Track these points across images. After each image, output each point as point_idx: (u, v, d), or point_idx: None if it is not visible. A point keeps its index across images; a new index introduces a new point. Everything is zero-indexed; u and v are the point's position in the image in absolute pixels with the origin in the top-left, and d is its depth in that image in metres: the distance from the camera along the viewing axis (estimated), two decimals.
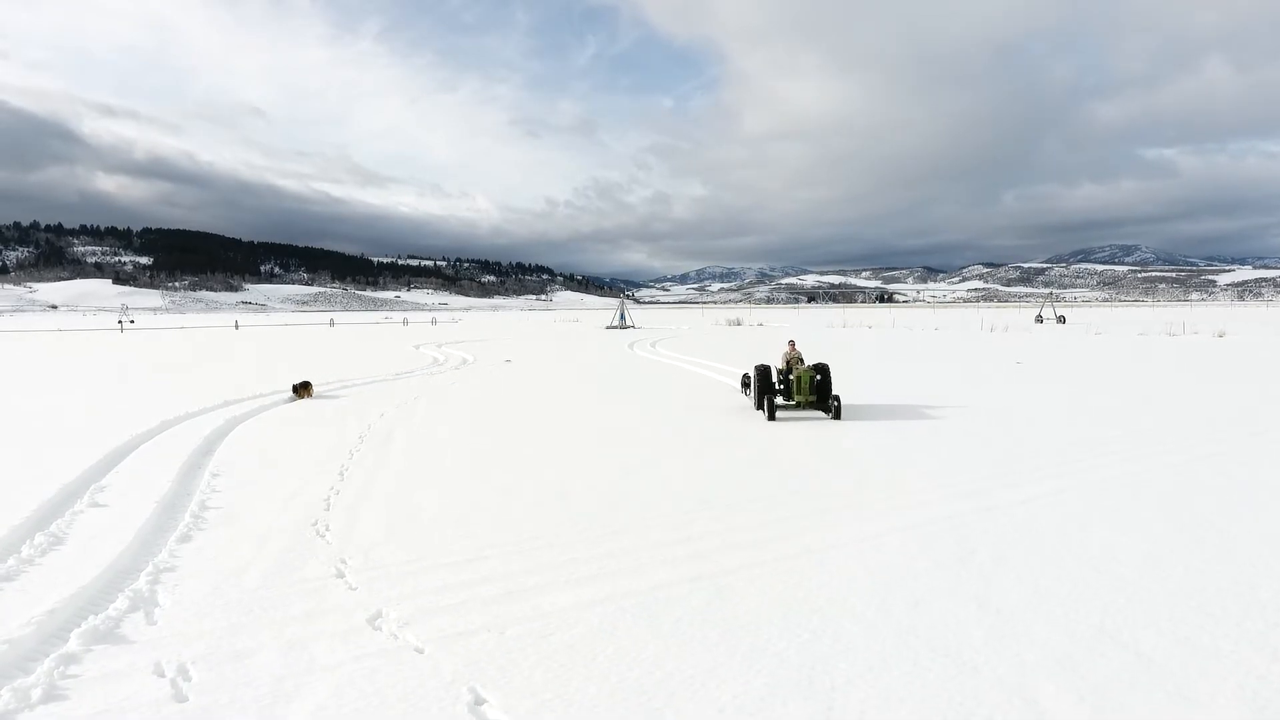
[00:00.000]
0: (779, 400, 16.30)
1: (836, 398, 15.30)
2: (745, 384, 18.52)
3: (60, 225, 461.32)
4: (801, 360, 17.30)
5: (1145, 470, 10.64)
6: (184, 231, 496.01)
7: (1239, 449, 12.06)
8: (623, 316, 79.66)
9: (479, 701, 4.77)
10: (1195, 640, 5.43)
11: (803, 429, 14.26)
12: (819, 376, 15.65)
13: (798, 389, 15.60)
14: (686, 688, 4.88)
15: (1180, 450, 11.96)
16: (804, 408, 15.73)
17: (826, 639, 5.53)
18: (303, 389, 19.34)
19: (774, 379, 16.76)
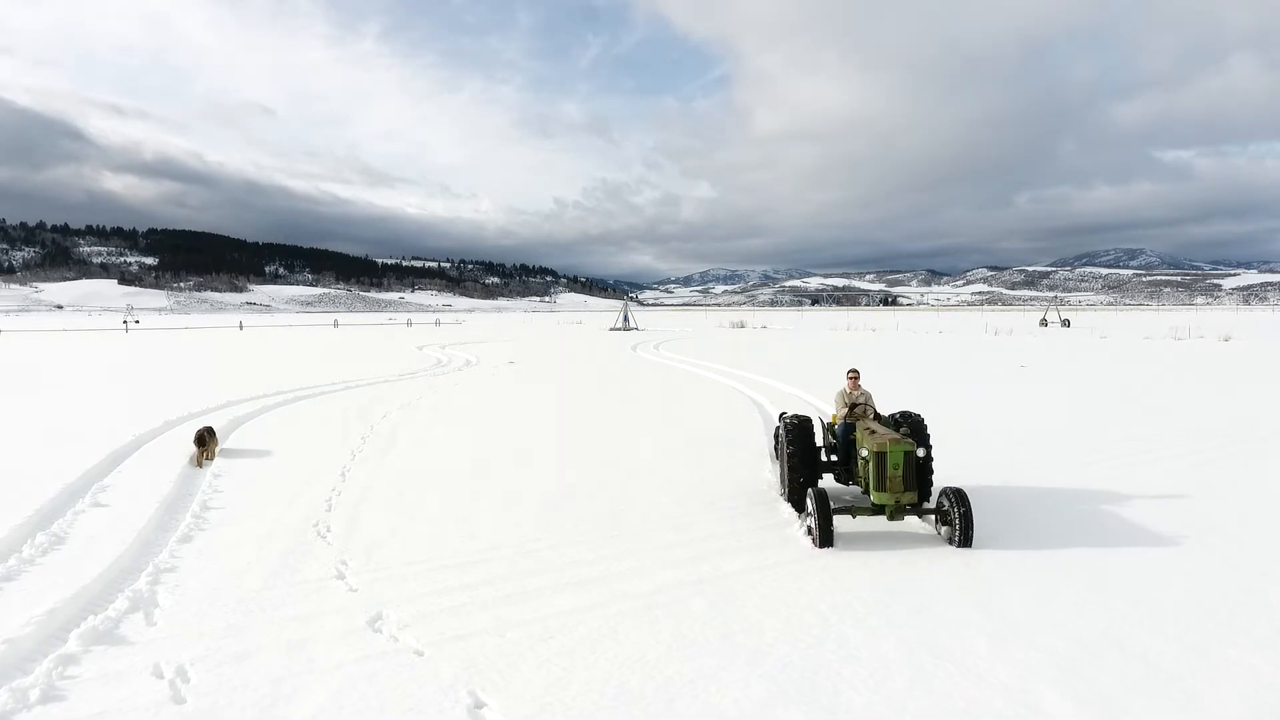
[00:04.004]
0: (825, 478, 9.41)
1: (956, 496, 7.57)
2: (776, 438, 10.47)
3: (66, 225, 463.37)
4: (873, 410, 9.44)
5: (1151, 474, 10.56)
6: (189, 232, 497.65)
7: (1246, 454, 11.97)
8: (626, 319, 79.64)
9: (479, 705, 4.73)
10: (1202, 647, 5.37)
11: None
12: (922, 454, 8.22)
13: (879, 479, 7.74)
14: (687, 692, 4.84)
15: (1187, 454, 11.88)
16: (893, 515, 7.78)
17: (829, 644, 5.48)
18: (202, 443, 11.96)
19: (822, 439, 9.77)
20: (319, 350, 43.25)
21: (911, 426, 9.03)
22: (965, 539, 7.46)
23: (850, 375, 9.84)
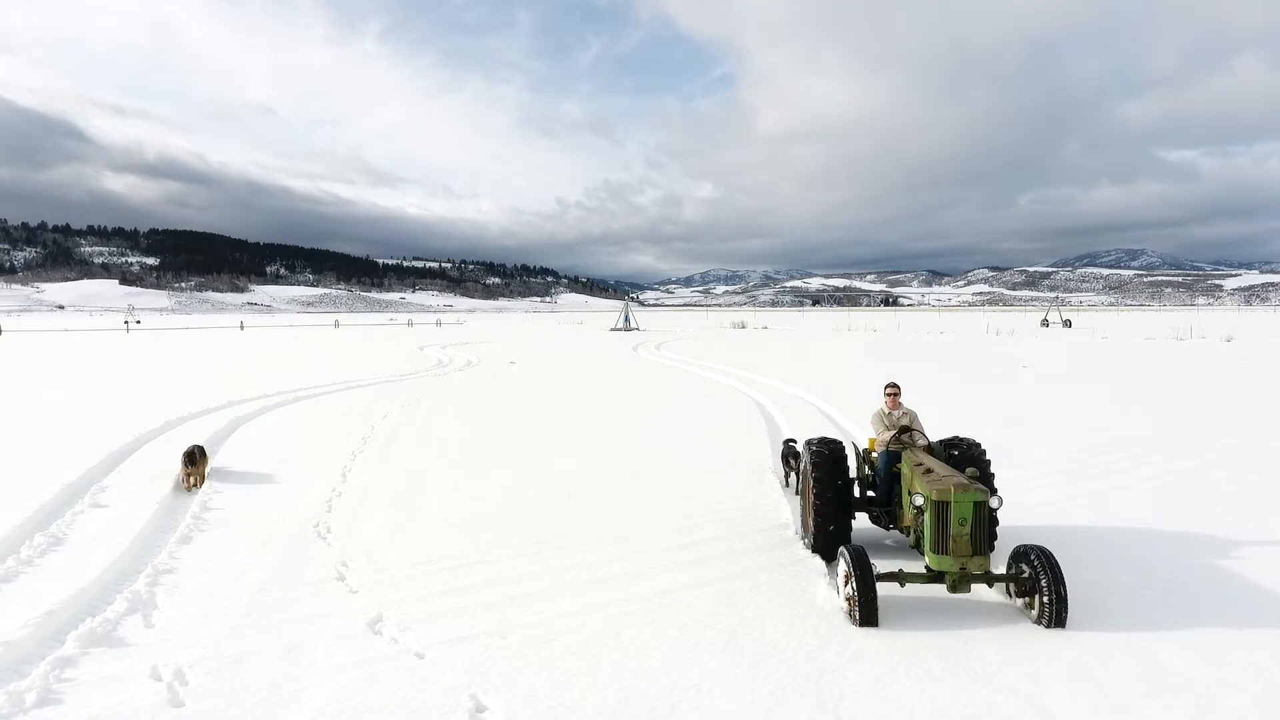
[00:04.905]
0: (860, 518, 7.86)
1: (1041, 561, 5.82)
2: (787, 462, 10.17)
3: (68, 226, 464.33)
4: (921, 435, 7.65)
5: (1157, 475, 10.50)
6: (190, 232, 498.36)
7: (1251, 454, 11.91)
8: (627, 319, 79.63)
9: (480, 709, 4.67)
10: (1213, 649, 5.31)
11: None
12: (996, 504, 6.15)
13: (939, 537, 5.96)
14: (691, 696, 4.78)
15: (1192, 455, 11.82)
16: (957, 585, 5.98)
17: (834, 647, 5.42)
18: (192, 463, 10.38)
19: (855, 472, 8.02)
20: (320, 350, 43.21)
21: (969, 460, 7.13)
22: (1057, 617, 5.62)
23: (889, 391, 8.02)
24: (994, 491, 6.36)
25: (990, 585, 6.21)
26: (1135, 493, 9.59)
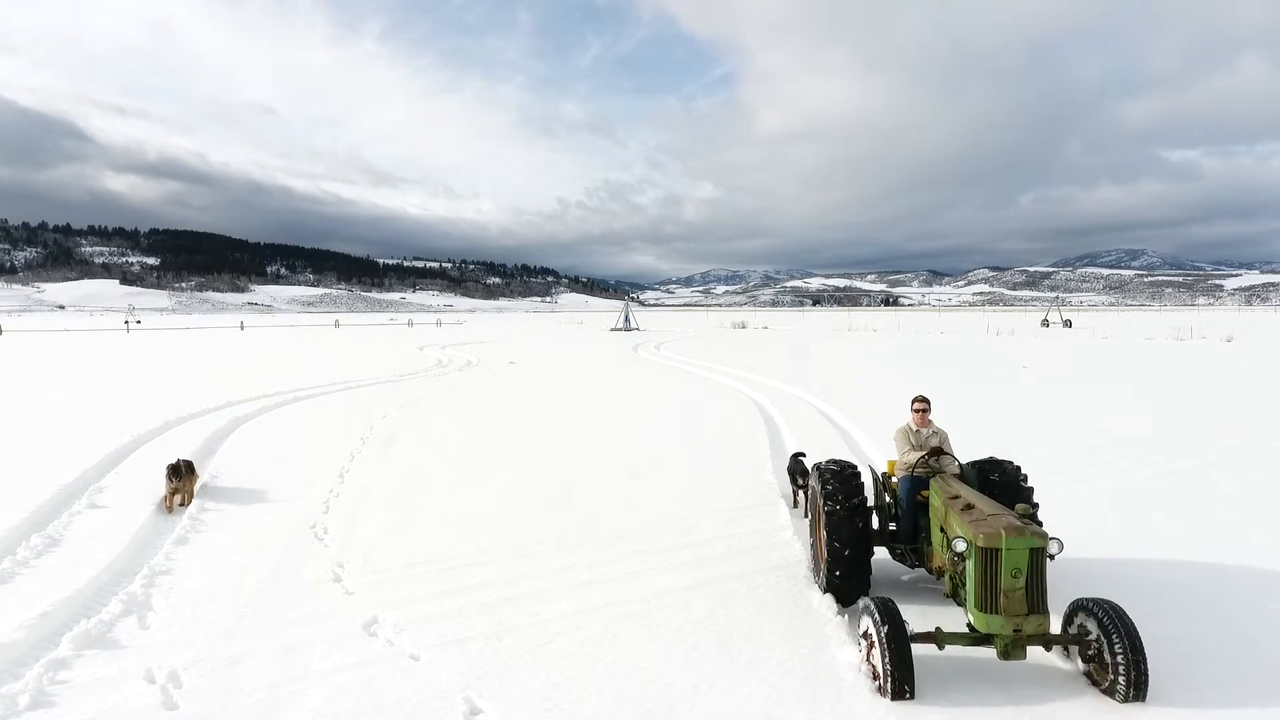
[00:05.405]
0: (879, 551, 6.64)
1: (1110, 618, 4.75)
2: (795, 479, 9.31)
3: (69, 226, 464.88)
4: (953, 459, 6.56)
5: (1158, 476, 10.46)
6: (191, 232, 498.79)
7: (1252, 454, 11.87)
8: (627, 319, 79.59)
9: (475, 712, 4.65)
10: (1219, 653, 5.28)
11: None
12: (1055, 550, 4.88)
13: (987, 593, 4.82)
14: (688, 698, 4.76)
15: (1192, 455, 11.78)
16: (1010, 650, 4.79)
17: (831, 649, 5.40)
18: (178, 476, 9.31)
19: (874, 498, 6.95)
20: (319, 350, 43.17)
21: (1009, 488, 6.23)
22: (1135, 689, 4.58)
23: (917, 407, 6.87)
24: (1038, 521, 5.35)
25: (1048, 649, 5.06)
26: (1136, 494, 9.55)
